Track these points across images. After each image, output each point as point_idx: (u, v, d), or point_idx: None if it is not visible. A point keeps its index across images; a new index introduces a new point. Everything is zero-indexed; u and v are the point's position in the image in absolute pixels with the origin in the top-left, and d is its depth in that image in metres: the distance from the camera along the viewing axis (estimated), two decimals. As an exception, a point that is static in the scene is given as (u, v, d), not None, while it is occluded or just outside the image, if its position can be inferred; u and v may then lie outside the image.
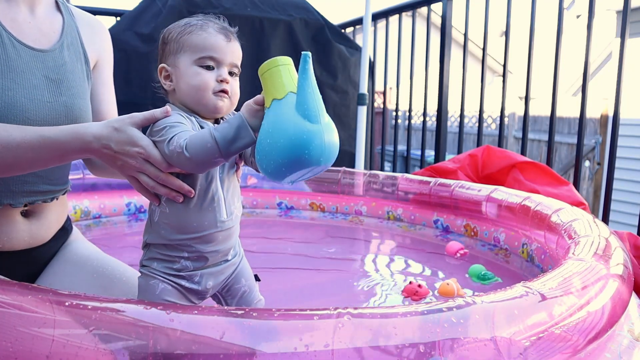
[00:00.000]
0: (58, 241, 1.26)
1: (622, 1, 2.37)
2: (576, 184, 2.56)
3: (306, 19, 3.64)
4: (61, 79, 1.14)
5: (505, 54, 3.06)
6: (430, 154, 4.54)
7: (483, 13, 3.09)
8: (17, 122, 1.03)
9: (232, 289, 1.13)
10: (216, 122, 1.08)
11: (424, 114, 3.67)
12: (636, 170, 6.16)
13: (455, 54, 3.50)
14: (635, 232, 2.12)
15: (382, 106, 7.77)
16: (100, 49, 1.30)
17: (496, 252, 2.09)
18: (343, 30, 4.22)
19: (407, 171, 3.64)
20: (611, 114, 3.10)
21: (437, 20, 4.00)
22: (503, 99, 3.07)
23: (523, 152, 2.87)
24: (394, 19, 3.82)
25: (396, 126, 4.01)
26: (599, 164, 6.35)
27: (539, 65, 3.14)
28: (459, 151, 3.21)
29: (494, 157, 2.69)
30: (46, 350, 0.75)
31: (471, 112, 8.59)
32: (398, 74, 3.76)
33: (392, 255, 2.23)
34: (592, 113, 6.41)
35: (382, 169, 4.24)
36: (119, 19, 3.60)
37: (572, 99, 7.92)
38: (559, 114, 4.56)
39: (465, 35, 3.29)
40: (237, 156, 1.07)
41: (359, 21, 4.03)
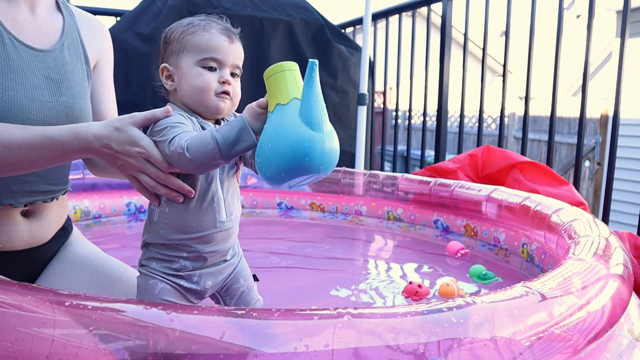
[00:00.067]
0: (58, 241, 1.26)
1: (622, 1, 2.37)
2: (576, 184, 2.56)
3: (306, 19, 3.64)
4: (61, 79, 1.14)
5: (505, 54, 3.06)
6: (430, 154, 4.54)
7: (483, 13, 3.09)
8: (17, 122, 1.03)
9: (230, 289, 1.14)
10: (217, 123, 1.08)
11: (424, 114, 3.67)
12: (636, 170, 6.15)
13: (455, 54, 3.50)
14: (635, 232, 2.12)
15: (382, 106, 7.77)
16: (101, 49, 1.30)
17: (496, 252, 2.09)
18: (343, 30, 4.22)
19: (407, 171, 3.64)
20: (611, 114, 3.10)
21: (437, 20, 4.00)
22: (503, 99, 3.07)
23: (523, 152, 2.87)
24: (394, 19, 3.82)
25: (396, 126, 4.01)
26: (599, 164, 6.35)
27: (539, 65, 3.14)
28: (459, 151, 3.21)
29: (494, 157, 2.69)
30: (46, 350, 0.75)
31: (471, 112, 8.59)
32: (398, 74, 3.76)
33: (392, 255, 2.23)
34: (592, 113, 6.41)
35: (382, 169, 4.24)
36: (119, 19, 3.60)
37: (572, 99, 7.92)
38: (559, 114, 4.56)
39: (465, 35, 3.29)
40: (237, 157, 1.07)
41: (359, 21, 4.03)
